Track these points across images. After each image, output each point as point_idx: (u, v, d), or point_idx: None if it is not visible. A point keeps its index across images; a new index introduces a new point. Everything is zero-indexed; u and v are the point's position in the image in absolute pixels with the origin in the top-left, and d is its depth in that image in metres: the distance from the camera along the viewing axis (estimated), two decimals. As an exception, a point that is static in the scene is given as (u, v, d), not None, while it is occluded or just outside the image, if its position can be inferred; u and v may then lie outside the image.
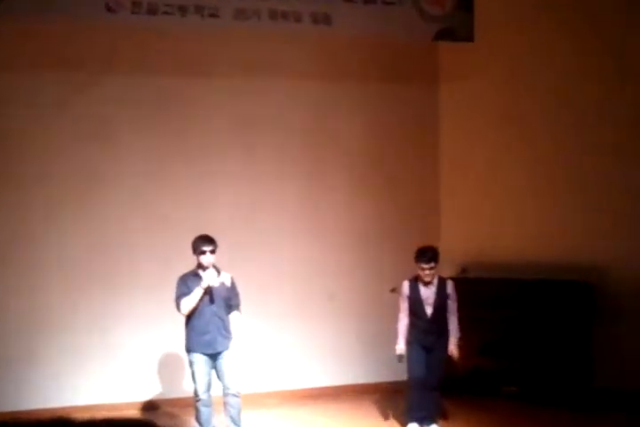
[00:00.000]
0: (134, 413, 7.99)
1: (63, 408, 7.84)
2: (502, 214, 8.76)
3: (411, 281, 7.08)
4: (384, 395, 8.28)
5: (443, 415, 7.40)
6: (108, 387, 8.15)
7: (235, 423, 6.82)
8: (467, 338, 8.25)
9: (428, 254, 6.95)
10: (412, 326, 7.02)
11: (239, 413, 6.82)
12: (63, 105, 8.07)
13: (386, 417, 7.62)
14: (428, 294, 7.00)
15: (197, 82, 8.48)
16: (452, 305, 7.05)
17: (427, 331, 6.98)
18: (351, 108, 8.98)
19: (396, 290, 7.41)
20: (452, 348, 6.98)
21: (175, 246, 7.84)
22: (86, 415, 6.92)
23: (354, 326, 8.78)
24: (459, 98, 9.10)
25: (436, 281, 7.06)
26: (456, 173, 9.19)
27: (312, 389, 8.67)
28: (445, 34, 8.01)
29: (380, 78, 9.05)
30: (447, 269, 8.84)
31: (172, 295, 6.79)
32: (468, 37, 8.09)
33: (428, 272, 6.94)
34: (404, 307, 7.06)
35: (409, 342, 7.01)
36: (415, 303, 7.02)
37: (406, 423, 7.12)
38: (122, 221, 8.20)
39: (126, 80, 8.26)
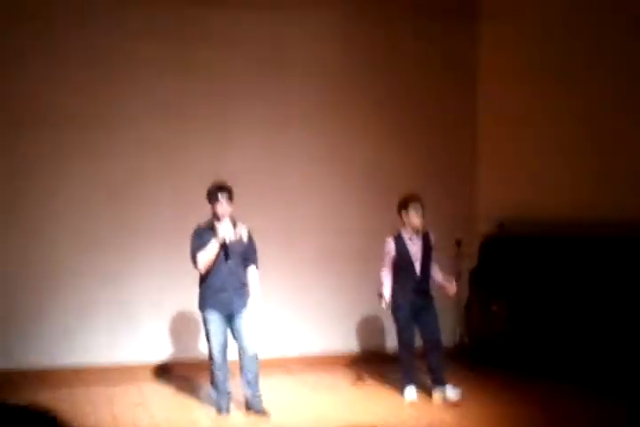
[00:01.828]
0: (146, 374, 7.62)
1: (72, 368, 7.51)
2: (542, 168, 8.16)
3: (395, 238, 6.76)
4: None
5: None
6: (119, 347, 7.78)
7: (251, 388, 6.42)
8: (501, 302, 7.79)
9: (416, 197, 6.70)
10: (401, 287, 6.76)
11: (256, 377, 6.44)
12: (77, 38, 7.55)
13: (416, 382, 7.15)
14: (414, 249, 6.77)
15: (222, 12, 7.89)
16: (434, 255, 6.91)
17: (416, 290, 6.75)
18: (385, 46, 8.42)
19: None
20: (449, 285, 6.81)
21: (190, 197, 7.48)
22: (95, 376, 6.63)
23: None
24: (500, 38, 8.45)
25: (420, 236, 6.80)
26: (494, 123, 8.62)
27: (337, 354, 8.23)
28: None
29: (416, 14, 8.43)
30: (486, 227, 8.36)
31: (188, 249, 6.31)
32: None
33: (420, 219, 6.67)
34: (388, 263, 6.79)
35: (398, 305, 6.76)
36: (403, 260, 6.76)
37: (404, 387, 6.83)
38: (134, 168, 7.85)
39: (146, 12, 7.68)
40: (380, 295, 6.76)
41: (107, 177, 7.71)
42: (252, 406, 6.46)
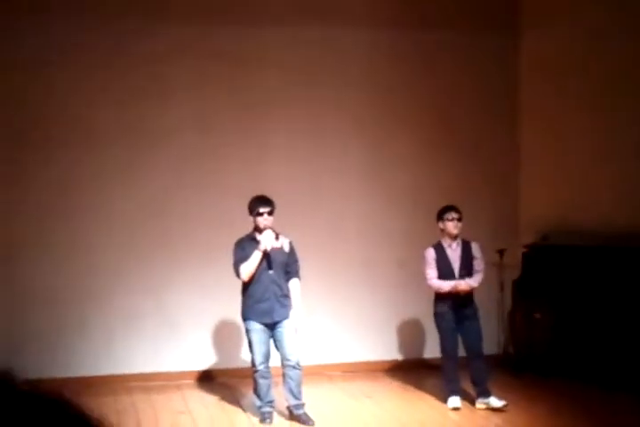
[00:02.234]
0: (190, 382, 7.68)
1: (115, 376, 7.61)
2: (587, 178, 8.10)
3: (435, 246, 6.88)
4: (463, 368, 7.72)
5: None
6: (162, 355, 7.85)
7: (294, 396, 6.46)
8: (545, 311, 7.74)
9: (451, 206, 6.84)
10: (443, 296, 6.79)
11: (299, 385, 6.49)
12: (113, 57, 7.70)
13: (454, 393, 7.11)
14: (454, 257, 6.86)
15: (254, 32, 8.00)
16: (479, 264, 6.92)
17: (458, 298, 6.76)
18: (423, 58, 8.44)
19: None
20: (468, 281, 6.74)
21: (228, 211, 7.63)
22: (138, 383, 6.73)
23: (425, 295, 8.25)
24: (542, 47, 8.42)
25: (460, 244, 6.84)
26: (537, 134, 8.59)
27: (379, 362, 8.22)
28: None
29: (456, 28, 8.45)
30: (529, 236, 8.32)
31: (229, 260, 6.45)
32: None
33: (456, 223, 6.80)
34: (433, 274, 6.83)
35: (440, 313, 6.83)
36: (443, 269, 6.83)
37: (447, 397, 6.83)
38: (173, 180, 7.92)
39: (179, 31, 7.82)
40: (456, 288, 6.71)
41: (146, 193, 7.83)
42: (295, 415, 6.49)
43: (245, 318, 6.47)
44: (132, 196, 7.81)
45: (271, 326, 6.41)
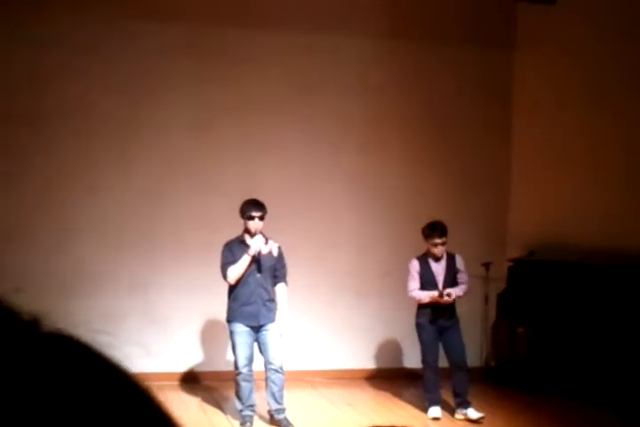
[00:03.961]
0: (173, 384, 7.74)
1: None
2: (577, 195, 8.23)
3: (419, 258, 7.00)
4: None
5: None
6: (145, 355, 7.88)
7: (276, 401, 6.56)
8: (528, 326, 7.85)
9: (439, 228, 6.90)
10: (425, 307, 6.94)
11: (281, 390, 6.60)
12: (108, 54, 7.81)
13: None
14: (438, 270, 6.99)
15: (255, 34, 8.13)
16: (463, 277, 7.06)
17: (440, 310, 6.90)
18: (419, 69, 8.57)
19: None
20: (451, 290, 6.85)
21: (220, 209, 7.73)
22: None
23: (409, 305, 8.36)
24: (535, 64, 8.57)
25: (444, 257, 7.01)
26: (528, 150, 8.74)
27: (361, 370, 8.32)
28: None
29: (451, 40, 8.59)
30: (515, 251, 8.44)
31: (216, 261, 6.53)
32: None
33: (440, 248, 6.90)
34: (415, 286, 6.97)
35: (421, 324, 6.98)
36: (427, 281, 6.96)
37: (427, 407, 6.98)
38: (164, 179, 8.02)
39: (181, 29, 7.95)
40: (436, 299, 6.82)
41: (137, 192, 7.91)
42: (276, 419, 6.58)
43: (230, 320, 6.57)
44: (121, 196, 7.90)
45: (256, 330, 6.51)
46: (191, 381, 7.97)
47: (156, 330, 7.96)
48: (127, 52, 7.89)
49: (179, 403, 7.22)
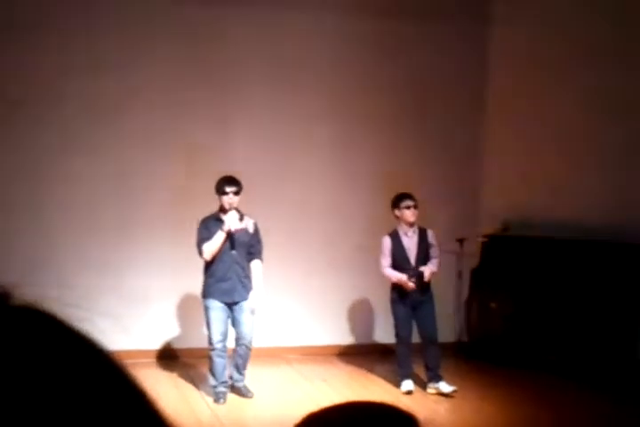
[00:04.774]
0: (148, 361, 7.76)
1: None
2: (550, 170, 8.30)
3: (391, 235, 7.07)
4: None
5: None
6: (120, 333, 7.89)
7: (239, 372, 6.82)
8: (501, 301, 7.94)
9: (408, 194, 7.01)
10: (397, 283, 6.96)
11: (246, 362, 6.81)
12: (83, 31, 7.76)
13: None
14: (410, 245, 7.04)
15: (229, 12, 8.09)
16: (435, 251, 7.12)
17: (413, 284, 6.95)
18: (393, 44, 8.59)
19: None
20: (426, 269, 6.94)
21: (192, 186, 7.71)
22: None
23: (383, 281, 8.42)
24: (511, 38, 8.60)
25: (416, 231, 7.05)
26: (501, 127, 8.80)
27: (335, 346, 8.39)
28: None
29: (425, 15, 8.58)
30: (489, 226, 8.50)
31: (188, 237, 6.57)
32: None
33: (412, 211, 6.97)
34: (386, 263, 7.04)
35: (395, 299, 7.04)
36: (399, 256, 7.03)
37: (400, 381, 7.08)
38: (136, 155, 7.97)
39: (150, 8, 7.89)
40: (402, 283, 6.90)
41: (110, 168, 7.90)
42: (236, 387, 6.78)
43: (205, 296, 6.63)
44: (89, 167, 7.86)
45: (230, 306, 6.54)
46: (166, 358, 8.01)
47: (130, 308, 7.96)
48: (90, 29, 7.83)
49: (153, 380, 7.24)
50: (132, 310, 7.94)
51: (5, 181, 7.71)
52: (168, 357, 8.02)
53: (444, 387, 6.91)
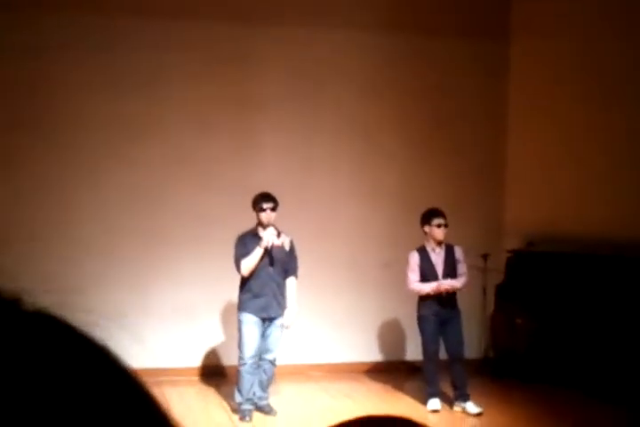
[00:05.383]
0: (173, 378, 7.77)
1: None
2: (575, 185, 8.27)
3: (419, 250, 7.07)
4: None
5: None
6: (147, 351, 7.93)
7: (262, 389, 6.80)
8: (526, 317, 7.91)
9: (439, 211, 7.01)
10: (427, 299, 7.00)
11: (270, 379, 6.82)
12: (106, 51, 7.83)
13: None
14: (438, 261, 7.07)
15: (255, 31, 8.15)
16: (462, 268, 7.13)
17: (441, 302, 6.98)
18: (416, 62, 8.59)
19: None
20: (451, 281, 6.96)
21: (219, 203, 7.75)
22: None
23: (408, 297, 8.42)
24: (531, 53, 8.60)
25: (443, 247, 7.05)
26: (525, 140, 8.78)
27: (361, 363, 8.40)
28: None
29: (448, 31, 8.61)
30: (513, 242, 8.49)
31: (220, 255, 6.58)
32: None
33: (442, 229, 6.98)
34: (415, 278, 7.04)
35: (424, 316, 7.04)
36: (427, 272, 7.04)
37: (427, 399, 7.06)
38: (163, 174, 8.07)
39: (174, 25, 7.98)
40: (436, 287, 6.90)
41: (133, 187, 7.95)
42: (259, 406, 6.77)
43: (241, 309, 6.68)
44: (119, 185, 7.95)
45: (264, 321, 6.59)
46: (194, 375, 8.03)
47: (161, 325, 7.98)
48: (114, 48, 7.92)
49: (180, 396, 7.27)
50: (158, 328, 7.97)
51: (30, 191, 7.79)
52: (192, 373, 8.04)
53: (471, 408, 6.89)
